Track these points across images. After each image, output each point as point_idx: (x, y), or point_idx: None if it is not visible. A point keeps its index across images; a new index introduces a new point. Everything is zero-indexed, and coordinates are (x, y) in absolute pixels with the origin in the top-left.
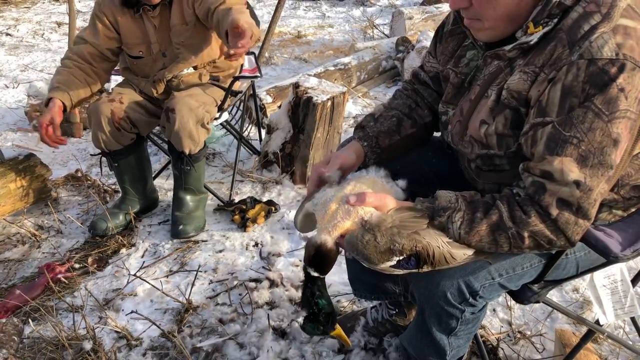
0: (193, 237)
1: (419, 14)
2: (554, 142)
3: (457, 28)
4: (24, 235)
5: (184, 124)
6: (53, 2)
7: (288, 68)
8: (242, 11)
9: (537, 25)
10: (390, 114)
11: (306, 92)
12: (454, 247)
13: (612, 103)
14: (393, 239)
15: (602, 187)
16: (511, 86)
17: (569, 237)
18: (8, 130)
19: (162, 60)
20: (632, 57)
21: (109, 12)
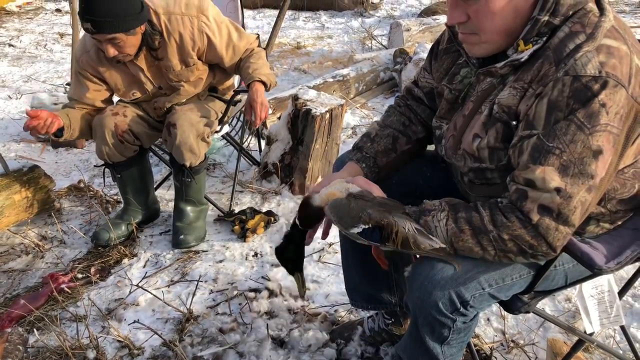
0: (194, 247)
1: (416, 26)
2: (538, 152)
3: (452, 46)
4: (28, 246)
5: (185, 138)
6: (55, 13)
7: (287, 79)
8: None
9: (527, 43)
10: (385, 133)
11: (305, 105)
12: (420, 235)
13: (593, 117)
14: (364, 208)
15: (583, 195)
16: (502, 101)
17: (550, 243)
18: (11, 141)
19: (160, 91)
20: (615, 75)
21: (89, 67)
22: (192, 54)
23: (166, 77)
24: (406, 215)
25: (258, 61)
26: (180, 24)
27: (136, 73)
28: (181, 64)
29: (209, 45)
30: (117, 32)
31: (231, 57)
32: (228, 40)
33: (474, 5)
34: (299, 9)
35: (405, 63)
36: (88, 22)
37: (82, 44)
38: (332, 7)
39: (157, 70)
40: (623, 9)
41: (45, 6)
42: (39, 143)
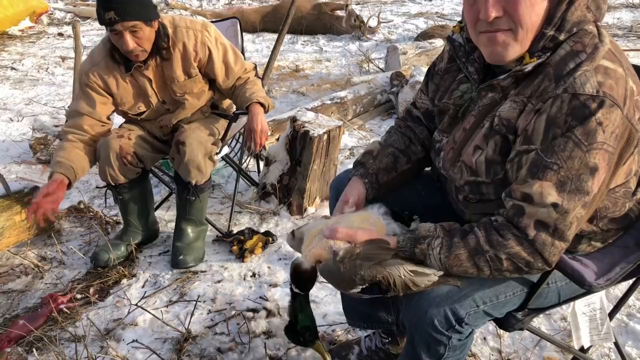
0: (192, 267)
1: (412, 50)
2: (536, 167)
3: (454, 65)
4: (27, 267)
5: (193, 156)
6: (57, 37)
7: (286, 101)
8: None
9: (532, 56)
10: (387, 152)
11: (303, 126)
12: (416, 276)
13: (590, 135)
14: (355, 270)
15: (579, 211)
16: (502, 114)
17: (546, 259)
18: (12, 162)
19: (164, 107)
20: (611, 96)
21: (98, 79)
22: (194, 65)
23: (170, 89)
24: (397, 258)
25: (254, 87)
26: (184, 35)
27: (143, 85)
28: (184, 75)
29: (209, 58)
30: (139, 19)
31: (224, 77)
32: (224, 58)
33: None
34: (298, 33)
35: (401, 86)
36: (111, 10)
37: (89, 59)
38: (330, 31)
39: (162, 83)
40: (616, 33)
41: (48, 30)
42: (39, 165)
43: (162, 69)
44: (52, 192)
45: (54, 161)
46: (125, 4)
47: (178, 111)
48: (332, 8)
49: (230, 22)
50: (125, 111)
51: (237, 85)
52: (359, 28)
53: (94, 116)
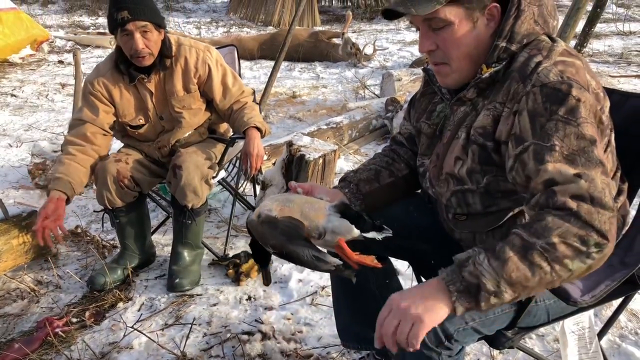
0: (188, 290)
1: (407, 76)
2: (540, 154)
3: (428, 89)
4: (24, 291)
5: (190, 180)
6: (58, 65)
7: (283, 126)
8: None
9: (489, 66)
10: (368, 167)
11: (299, 150)
12: (317, 261)
13: (574, 111)
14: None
15: (602, 178)
16: (477, 123)
17: (599, 229)
18: (10, 187)
19: (161, 123)
20: (576, 80)
21: (102, 88)
22: (193, 81)
23: (170, 104)
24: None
25: (252, 112)
26: (187, 51)
27: (144, 97)
28: (183, 90)
29: (208, 76)
30: (150, 21)
31: (222, 97)
32: (223, 79)
33: (441, 35)
34: (295, 60)
35: (396, 111)
36: (125, 9)
37: (95, 70)
38: (327, 59)
39: (162, 97)
40: (607, 60)
41: (48, 58)
42: (37, 190)
43: (163, 83)
44: (52, 212)
45: (53, 176)
46: (137, 5)
47: (175, 130)
48: (329, 36)
49: (228, 50)
50: (126, 122)
51: (235, 109)
52: (355, 55)
53: (97, 124)
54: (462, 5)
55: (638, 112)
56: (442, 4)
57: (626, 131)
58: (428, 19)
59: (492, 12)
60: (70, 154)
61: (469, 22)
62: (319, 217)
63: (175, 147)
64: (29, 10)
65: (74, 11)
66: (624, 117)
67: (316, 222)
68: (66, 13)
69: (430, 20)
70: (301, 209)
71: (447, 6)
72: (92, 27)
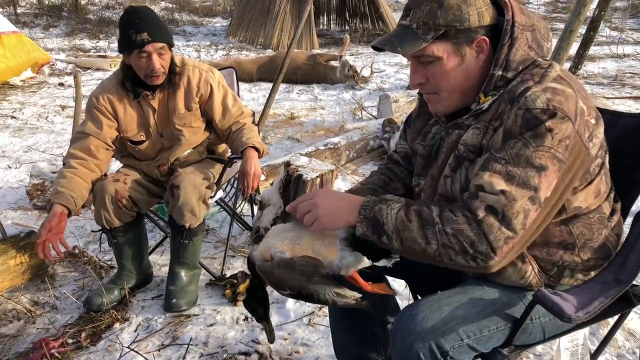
0: (185, 310)
1: (404, 97)
2: (487, 162)
3: (423, 110)
4: (20, 311)
5: (187, 200)
6: (58, 87)
7: (281, 147)
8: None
9: (487, 95)
10: (365, 187)
11: (297, 170)
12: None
13: (539, 138)
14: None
15: (526, 203)
16: (467, 140)
17: (490, 242)
18: (9, 208)
19: (161, 140)
20: (562, 109)
21: (106, 103)
22: (195, 100)
23: (171, 121)
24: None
25: (250, 133)
26: (190, 71)
27: (147, 114)
28: (185, 108)
29: (210, 96)
30: (166, 42)
31: (221, 117)
32: (223, 100)
33: (431, 69)
34: (294, 82)
35: (393, 132)
36: (145, 32)
37: (100, 86)
38: (324, 81)
39: (164, 114)
40: (601, 81)
41: (49, 80)
42: (35, 210)
43: (166, 101)
44: (55, 226)
45: (54, 190)
46: (156, 27)
47: (175, 147)
48: (327, 59)
49: (227, 71)
50: (127, 137)
51: (234, 129)
52: (353, 77)
53: (100, 137)
54: (449, 41)
55: (628, 131)
56: (428, 42)
57: (618, 150)
58: (417, 55)
59: (481, 44)
60: (72, 167)
61: (457, 56)
62: (332, 254)
63: (174, 165)
64: (30, 33)
65: (75, 34)
66: (615, 136)
67: (330, 260)
68: (67, 36)
69: (420, 56)
70: (312, 246)
71: (434, 43)
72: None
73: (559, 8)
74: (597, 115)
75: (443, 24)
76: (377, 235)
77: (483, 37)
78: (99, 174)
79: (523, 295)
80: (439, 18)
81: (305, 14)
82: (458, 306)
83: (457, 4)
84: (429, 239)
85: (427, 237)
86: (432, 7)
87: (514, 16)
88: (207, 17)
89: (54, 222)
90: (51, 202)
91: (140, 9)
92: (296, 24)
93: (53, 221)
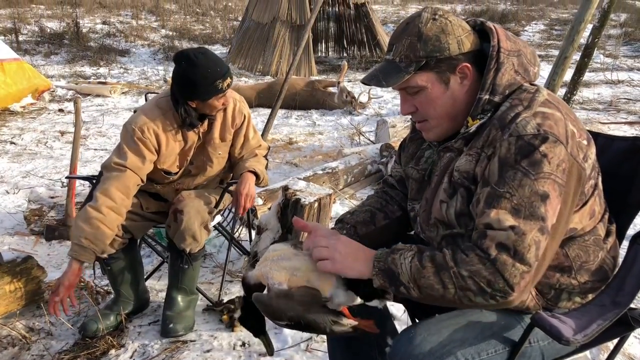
0: (182, 336)
1: (401, 123)
2: (491, 198)
3: (416, 135)
4: (15, 338)
5: (190, 225)
6: (58, 113)
7: (279, 172)
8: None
9: (475, 118)
10: (364, 209)
11: (295, 194)
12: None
13: (536, 165)
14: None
15: (536, 235)
16: (460, 167)
17: (507, 279)
18: (6, 234)
19: (189, 168)
20: (552, 133)
21: (152, 135)
22: (230, 130)
23: (205, 151)
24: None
25: (256, 161)
26: (228, 101)
27: (191, 144)
28: (219, 138)
29: (241, 126)
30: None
31: (240, 148)
32: (247, 131)
33: (418, 98)
34: (292, 108)
35: (391, 156)
36: (228, 77)
37: (141, 116)
38: (323, 107)
39: (201, 145)
40: (597, 107)
41: (49, 107)
42: (32, 236)
43: (207, 131)
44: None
45: (77, 239)
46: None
47: (199, 175)
48: (325, 85)
49: None
50: (164, 169)
51: (245, 157)
52: (351, 103)
53: (140, 173)
54: (431, 71)
55: (623, 154)
56: (410, 74)
57: (613, 173)
58: (403, 87)
59: (464, 71)
60: (101, 213)
61: (441, 84)
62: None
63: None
64: (32, 60)
65: (76, 62)
66: (610, 159)
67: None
68: (68, 63)
69: (405, 87)
70: (308, 278)
71: (417, 74)
72: (93, 77)
73: (554, 35)
74: (587, 136)
75: (423, 55)
76: (395, 287)
77: (465, 63)
78: (124, 217)
79: (521, 318)
80: (419, 50)
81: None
82: (456, 329)
83: (435, 35)
84: (445, 284)
85: (444, 282)
86: (411, 40)
87: (500, 42)
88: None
89: (72, 280)
90: (70, 254)
91: (207, 52)
92: (294, 51)
93: (71, 279)
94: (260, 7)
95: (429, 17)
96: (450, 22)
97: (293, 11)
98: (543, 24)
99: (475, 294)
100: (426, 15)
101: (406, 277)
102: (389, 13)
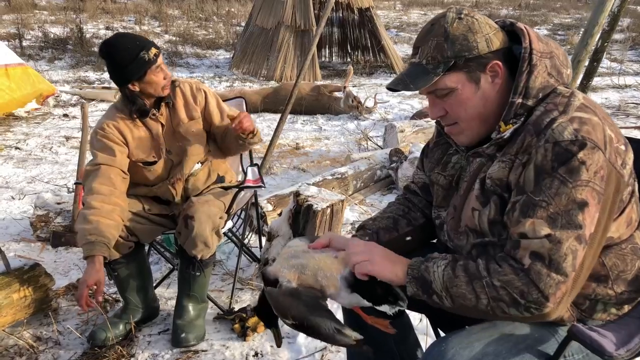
0: (193, 346)
1: (409, 127)
2: (527, 206)
3: (441, 139)
4: (22, 347)
5: (201, 231)
6: (62, 118)
7: (287, 177)
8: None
9: (507, 123)
10: (386, 216)
11: (306, 200)
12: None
13: (574, 172)
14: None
15: (573, 243)
16: (493, 174)
17: (541, 290)
18: (11, 240)
19: (169, 157)
20: (590, 138)
21: (113, 129)
22: (196, 108)
23: (177, 134)
24: (328, 313)
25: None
26: (181, 84)
27: (156, 132)
28: (188, 117)
29: (206, 101)
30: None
31: (220, 119)
32: (218, 104)
33: (447, 101)
34: (298, 113)
35: (401, 161)
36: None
37: (102, 118)
38: (328, 112)
39: (170, 130)
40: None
41: (53, 112)
42: (38, 242)
43: (170, 117)
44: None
45: (84, 240)
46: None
47: (183, 161)
48: (331, 90)
49: (236, 102)
50: (140, 160)
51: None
52: (357, 108)
53: (116, 164)
54: (460, 71)
55: None
56: (439, 75)
57: None
58: (431, 90)
59: (495, 69)
60: (93, 207)
61: (472, 84)
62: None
63: (187, 182)
64: (36, 65)
65: (80, 67)
66: None
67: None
68: (72, 68)
69: (434, 90)
70: (315, 277)
71: (445, 75)
72: (97, 82)
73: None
74: (625, 141)
75: (452, 55)
76: (427, 295)
77: (495, 61)
78: (124, 205)
79: (555, 330)
80: (447, 50)
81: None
82: (489, 342)
83: (462, 34)
84: (478, 294)
85: (476, 292)
86: (438, 41)
87: (532, 43)
88: (210, 50)
89: (94, 276)
90: (85, 254)
91: (124, 33)
92: (299, 56)
93: (93, 275)
94: (265, 12)
95: (454, 16)
96: (477, 20)
97: (297, 16)
98: (546, 29)
99: (509, 305)
100: (451, 15)
101: (439, 286)
102: (391, 18)
